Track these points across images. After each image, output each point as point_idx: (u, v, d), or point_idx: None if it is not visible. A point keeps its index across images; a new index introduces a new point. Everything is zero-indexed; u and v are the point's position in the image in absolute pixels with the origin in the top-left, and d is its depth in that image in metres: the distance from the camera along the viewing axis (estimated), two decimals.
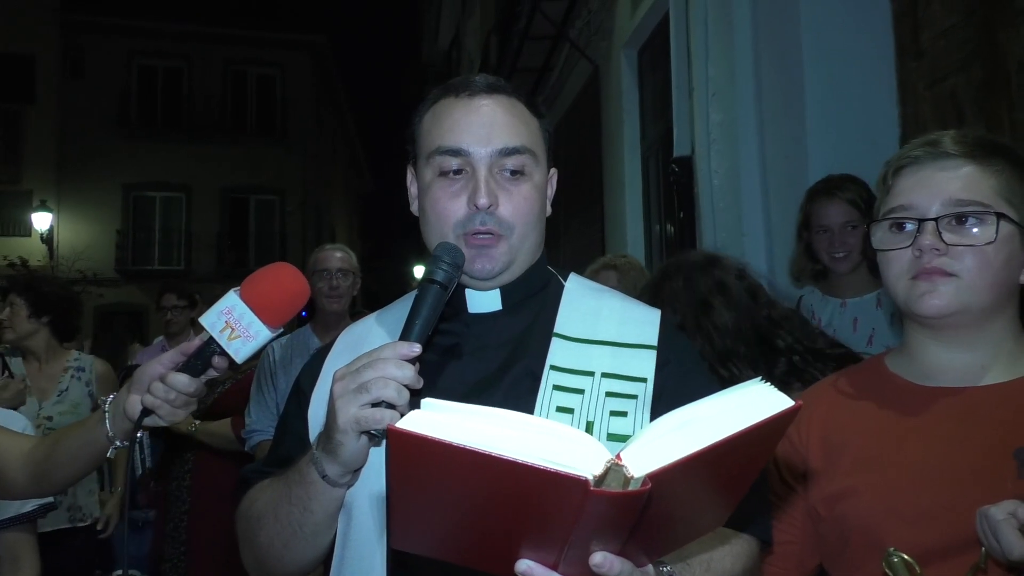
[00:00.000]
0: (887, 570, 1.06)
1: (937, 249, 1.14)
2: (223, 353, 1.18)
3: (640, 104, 6.07)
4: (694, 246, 4.34)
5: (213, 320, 1.16)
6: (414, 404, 0.81)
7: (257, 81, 22.29)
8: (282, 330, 1.19)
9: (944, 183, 1.17)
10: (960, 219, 1.15)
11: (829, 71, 3.26)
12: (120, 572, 4.15)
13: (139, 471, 3.92)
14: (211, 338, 1.17)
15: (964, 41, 2.76)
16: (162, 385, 1.19)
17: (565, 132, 8.34)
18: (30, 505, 2.05)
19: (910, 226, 1.18)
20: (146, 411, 1.20)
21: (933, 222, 1.15)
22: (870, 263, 2.46)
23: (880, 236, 1.22)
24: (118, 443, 1.25)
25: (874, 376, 1.28)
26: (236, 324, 1.15)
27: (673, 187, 4.61)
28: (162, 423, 1.21)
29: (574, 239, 8.04)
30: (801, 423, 1.28)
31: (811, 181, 2.89)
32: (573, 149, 7.89)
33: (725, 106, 3.96)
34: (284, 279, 1.19)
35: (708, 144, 4.06)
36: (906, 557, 1.05)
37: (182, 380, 1.19)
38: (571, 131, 8.10)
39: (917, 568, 1.05)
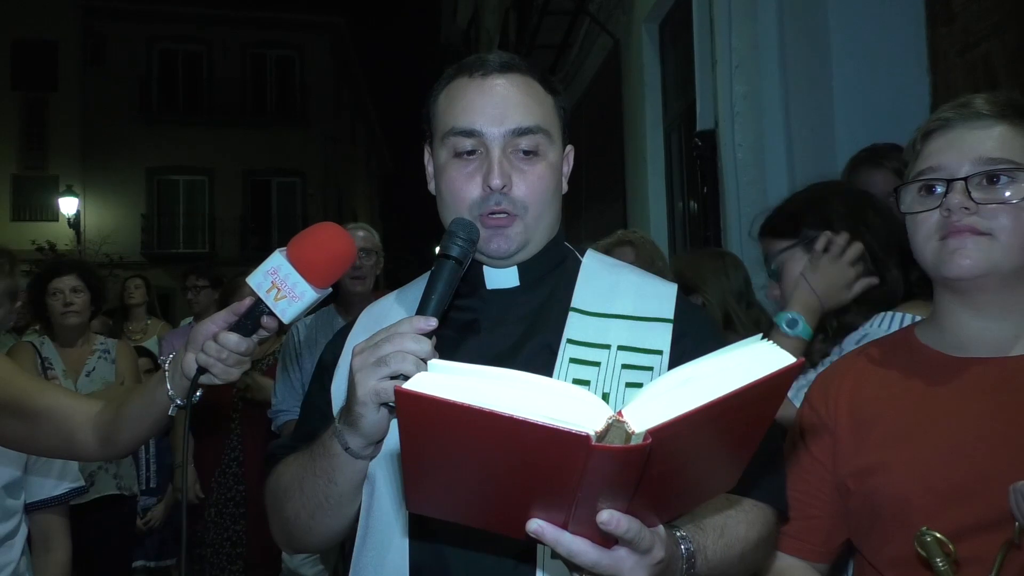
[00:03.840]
0: (920, 550, 1.04)
1: (966, 208, 1.11)
2: (271, 313, 1.18)
3: (662, 78, 5.99)
4: (718, 222, 4.29)
5: (259, 280, 1.16)
6: (428, 366, 0.83)
7: (276, 64, 22.34)
8: (330, 290, 1.19)
9: (975, 143, 1.14)
10: (991, 178, 1.11)
11: (856, 38, 3.18)
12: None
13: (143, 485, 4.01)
14: (259, 298, 1.17)
15: (997, 5, 2.67)
16: (215, 344, 1.20)
17: (586, 108, 8.26)
18: (62, 488, 2.09)
19: (940, 188, 1.15)
20: (201, 369, 1.21)
21: (962, 181, 1.12)
22: None
23: (909, 200, 1.19)
24: (179, 401, 1.27)
25: (903, 347, 1.25)
26: (282, 284, 1.15)
27: (696, 162, 4.55)
28: (217, 381, 1.23)
29: (595, 216, 7.99)
30: (829, 395, 1.26)
31: (838, 153, 2.84)
32: (594, 125, 7.82)
33: (749, 78, 3.88)
34: (328, 239, 1.19)
35: (732, 117, 3.99)
36: (939, 536, 1.03)
37: (233, 339, 1.19)
38: (592, 107, 8.03)
39: (951, 546, 1.02)
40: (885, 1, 3.14)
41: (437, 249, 1.18)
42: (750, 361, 0.78)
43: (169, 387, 1.27)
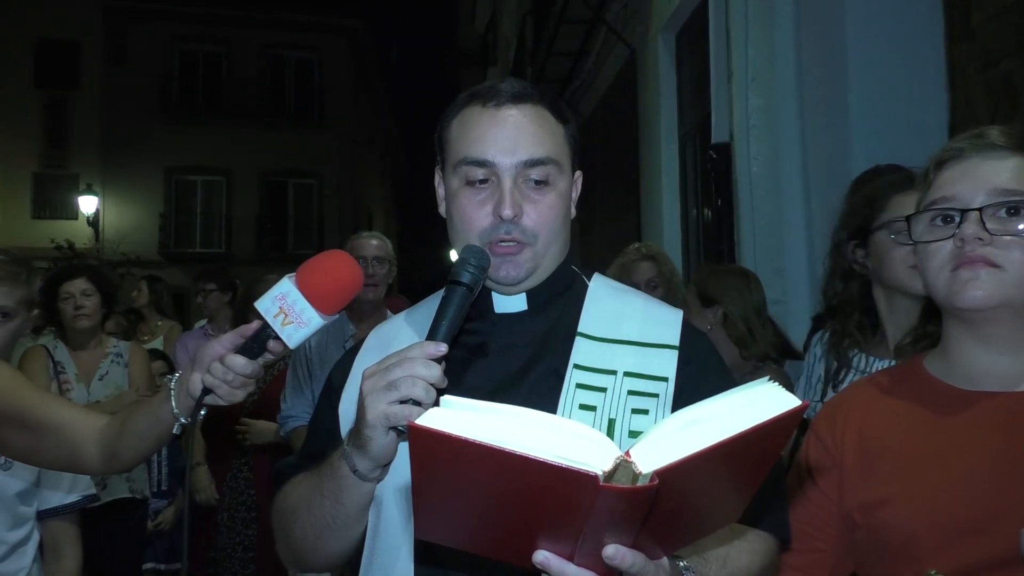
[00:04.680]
0: None
1: (980, 238, 1.10)
2: (277, 338, 1.20)
3: (678, 89, 5.98)
4: (732, 234, 4.27)
5: (267, 306, 1.19)
6: (440, 402, 0.85)
7: (296, 66, 22.48)
8: (336, 316, 1.21)
9: (990, 173, 1.12)
10: (1008, 209, 1.10)
11: (874, 53, 3.16)
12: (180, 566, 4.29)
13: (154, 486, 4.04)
14: (266, 323, 1.19)
15: (1019, 22, 2.65)
16: (221, 366, 1.21)
17: (601, 118, 8.26)
18: (74, 496, 2.11)
19: (954, 218, 1.13)
20: (206, 390, 1.23)
21: (977, 212, 1.11)
22: None
23: (920, 229, 1.18)
24: (183, 419, 1.29)
25: (912, 379, 1.24)
26: (289, 310, 1.17)
27: (711, 174, 4.53)
28: (221, 402, 1.24)
29: (609, 226, 7.98)
30: (836, 426, 1.25)
31: (854, 168, 2.81)
32: (609, 135, 7.81)
33: (765, 91, 3.87)
34: (337, 268, 1.21)
35: (747, 130, 3.98)
36: None
37: (239, 362, 1.21)
38: (607, 117, 8.02)
39: None
40: (903, 16, 3.12)
41: (453, 255, 1.19)
42: (756, 403, 0.80)
43: (174, 405, 1.28)
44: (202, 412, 1.26)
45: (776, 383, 0.83)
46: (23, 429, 1.46)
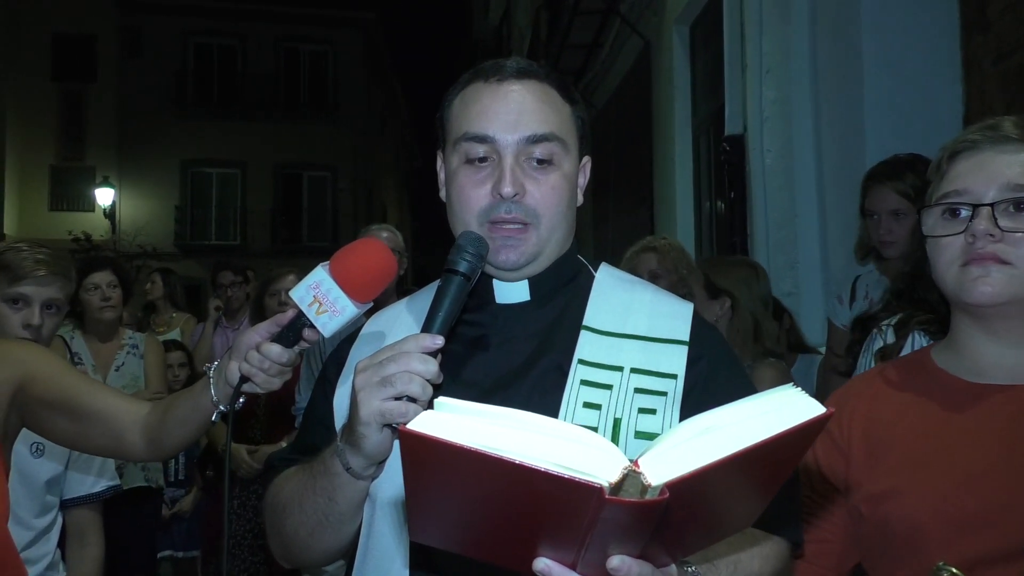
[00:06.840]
0: None
1: (991, 235, 1.09)
2: (312, 326, 1.18)
3: (692, 81, 5.96)
4: (745, 227, 4.26)
5: (302, 294, 1.17)
6: (437, 396, 0.80)
7: (309, 58, 22.55)
8: (371, 305, 1.18)
9: (1003, 168, 1.12)
10: (1018, 205, 1.10)
11: (889, 46, 3.14)
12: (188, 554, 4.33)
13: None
14: (300, 311, 1.18)
15: None
16: (257, 354, 1.20)
17: (615, 110, 8.24)
18: (100, 485, 2.17)
19: (964, 212, 1.13)
20: (244, 378, 1.22)
21: (988, 207, 1.10)
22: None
23: (932, 223, 1.17)
24: (222, 407, 1.30)
25: (919, 371, 1.23)
26: (324, 299, 1.15)
27: (724, 166, 4.52)
28: (258, 390, 1.24)
29: (623, 219, 7.97)
30: (843, 419, 1.24)
31: (868, 161, 2.81)
32: (623, 127, 7.79)
33: (779, 83, 3.85)
34: (371, 256, 1.18)
35: (761, 122, 3.97)
36: (955, 571, 1.01)
37: (275, 350, 1.19)
38: (621, 109, 8.00)
39: None
40: (918, 8, 3.10)
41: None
42: (776, 410, 0.73)
43: (213, 393, 1.29)
44: (240, 400, 1.26)
45: (800, 389, 0.77)
46: (71, 416, 1.48)
